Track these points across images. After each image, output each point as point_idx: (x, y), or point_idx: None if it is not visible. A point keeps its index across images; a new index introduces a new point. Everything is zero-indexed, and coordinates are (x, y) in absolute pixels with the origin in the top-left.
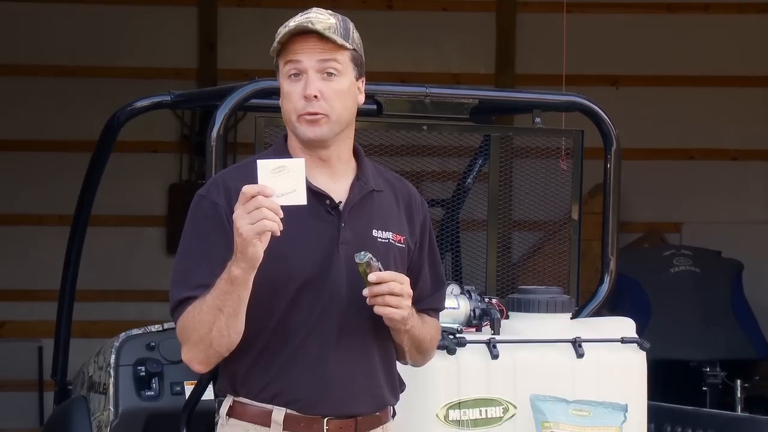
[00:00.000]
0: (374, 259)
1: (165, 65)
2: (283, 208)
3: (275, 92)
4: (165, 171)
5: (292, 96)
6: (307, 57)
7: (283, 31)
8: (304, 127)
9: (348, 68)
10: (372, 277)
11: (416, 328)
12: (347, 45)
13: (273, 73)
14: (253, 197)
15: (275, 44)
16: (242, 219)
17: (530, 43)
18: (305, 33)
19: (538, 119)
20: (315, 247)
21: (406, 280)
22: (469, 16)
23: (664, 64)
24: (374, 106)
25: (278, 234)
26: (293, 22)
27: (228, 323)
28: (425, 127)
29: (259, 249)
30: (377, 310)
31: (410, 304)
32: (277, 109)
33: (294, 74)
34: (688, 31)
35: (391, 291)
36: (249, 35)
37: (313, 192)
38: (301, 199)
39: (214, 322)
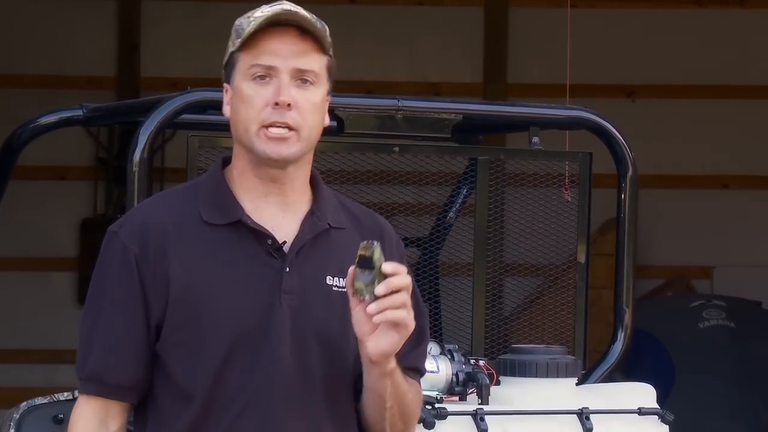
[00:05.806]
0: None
1: (77, 72)
2: (210, 249)
3: (212, 105)
4: (76, 203)
5: (255, 102)
6: (283, 56)
7: (252, 21)
8: (264, 144)
9: (323, 78)
10: (380, 288)
11: (399, 375)
12: (328, 49)
13: (206, 82)
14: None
15: (245, 33)
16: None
17: (526, 44)
18: (283, 25)
19: (536, 139)
20: (251, 296)
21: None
22: (451, 11)
23: (691, 72)
24: (333, 123)
25: None
26: (265, 11)
27: None
28: (397, 149)
29: None
30: (375, 343)
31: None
32: (214, 127)
33: (260, 76)
34: (721, 31)
35: (404, 303)
36: (178, 36)
37: (251, 230)
38: None
39: None
